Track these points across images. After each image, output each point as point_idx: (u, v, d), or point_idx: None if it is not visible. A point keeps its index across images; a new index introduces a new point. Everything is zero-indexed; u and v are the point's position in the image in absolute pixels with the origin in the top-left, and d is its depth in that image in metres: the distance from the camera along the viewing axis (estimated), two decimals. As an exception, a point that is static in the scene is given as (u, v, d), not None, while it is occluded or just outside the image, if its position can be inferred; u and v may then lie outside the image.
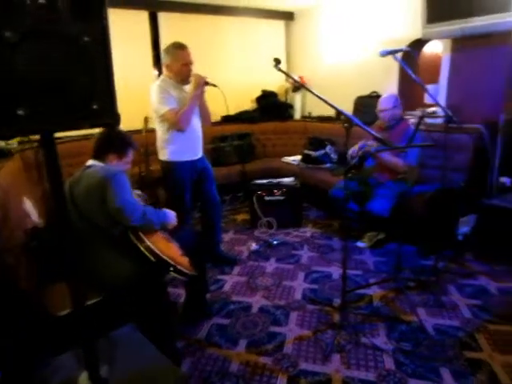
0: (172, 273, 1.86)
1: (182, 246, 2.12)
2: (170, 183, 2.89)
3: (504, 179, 3.22)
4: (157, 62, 4.60)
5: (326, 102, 2.04)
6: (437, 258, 2.76)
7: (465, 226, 3.17)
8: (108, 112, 1.00)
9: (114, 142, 2.07)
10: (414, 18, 3.64)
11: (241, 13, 5.08)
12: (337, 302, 2.55)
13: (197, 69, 2.76)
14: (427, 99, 3.79)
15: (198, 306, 2.46)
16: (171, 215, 2.12)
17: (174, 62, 2.64)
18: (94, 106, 0.97)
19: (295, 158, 4.65)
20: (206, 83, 2.70)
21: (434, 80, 3.80)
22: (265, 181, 3.95)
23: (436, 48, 4.03)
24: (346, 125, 2.01)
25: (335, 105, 2.03)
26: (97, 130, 2.09)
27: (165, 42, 4.60)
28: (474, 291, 2.59)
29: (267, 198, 3.85)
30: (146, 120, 3.76)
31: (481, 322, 2.27)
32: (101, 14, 0.94)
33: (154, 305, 1.99)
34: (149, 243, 1.83)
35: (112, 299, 1.85)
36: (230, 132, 4.83)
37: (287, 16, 5.52)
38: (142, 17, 4.48)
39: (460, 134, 3.23)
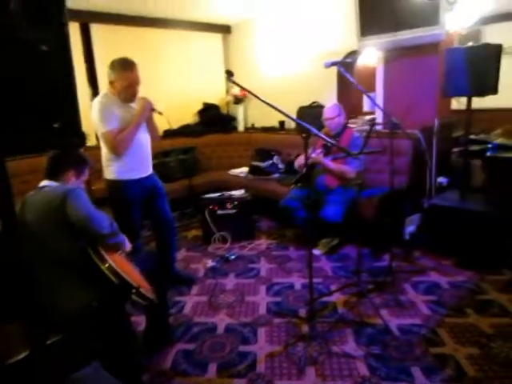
0: (134, 296, 1.71)
1: (140, 270, 1.97)
2: (117, 203, 2.70)
3: (441, 179, 3.46)
4: (90, 76, 4.34)
5: (284, 113, 2.04)
6: (390, 258, 2.87)
7: (411, 226, 3.34)
8: (72, 131, 0.88)
9: (72, 158, 1.92)
10: (350, 31, 3.82)
11: (177, 26, 4.99)
12: (303, 312, 2.53)
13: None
14: (365, 107, 3.98)
15: (161, 333, 2.30)
16: (125, 239, 1.98)
17: (118, 81, 2.46)
18: (56, 125, 0.85)
19: (242, 170, 4.63)
20: (153, 110, 2.58)
21: (369, 89, 4.00)
22: (216, 194, 3.87)
23: (369, 59, 4.26)
24: (303, 135, 2.01)
25: (294, 116, 2.03)
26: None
27: (99, 55, 4.37)
28: (427, 287, 2.72)
29: (219, 212, 3.76)
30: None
31: (439, 317, 2.37)
32: (60, 19, 0.83)
33: (116, 335, 1.82)
34: (111, 263, 1.67)
35: (74, 335, 1.66)
36: (173, 147, 4.67)
37: (224, 29, 5.52)
38: (72, 29, 4.21)
39: (399, 140, 3.42)
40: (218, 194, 3.86)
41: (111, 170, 2.62)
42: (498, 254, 2.90)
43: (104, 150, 2.61)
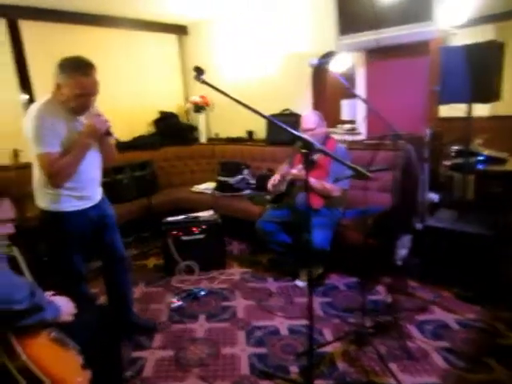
0: None
1: (81, 343, 1.43)
2: (52, 240, 2.11)
3: (432, 196, 3.13)
4: (22, 80, 3.66)
5: (282, 127, 1.57)
6: (387, 292, 2.49)
7: (401, 249, 2.98)
8: None
9: None
10: (325, 29, 3.44)
11: (125, 25, 4.41)
12: (294, 369, 2.06)
13: None
14: (344, 115, 3.60)
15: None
16: (65, 305, 1.42)
17: (67, 86, 1.85)
18: None
19: (208, 186, 4.11)
20: (108, 133, 2.03)
21: (342, 96, 3.63)
22: (180, 217, 3.32)
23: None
24: (303, 151, 1.55)
25: (291, 129, 1.57)
26: None
27: (32, 56, 3.71)
28: (435, 329, 2.31)
29: (184, 238, 3.22)
30: (16, 153, 2.99)
31: (459, 371, 1.96)
32: None
33: None
34: (27, 360, 1.12)
35: None
36: (126, 162, 4.06)
37: (180, 30, 4.99)
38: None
39: (385, 152, 3.07)
40: (183, 217, 3.32)
41: (46, 198, 2.01)
42: (506, 284, 2.57)
43: (36, 172, 2.01)
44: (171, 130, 4.69)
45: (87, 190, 2.09)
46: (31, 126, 1.84)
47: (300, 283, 2.95)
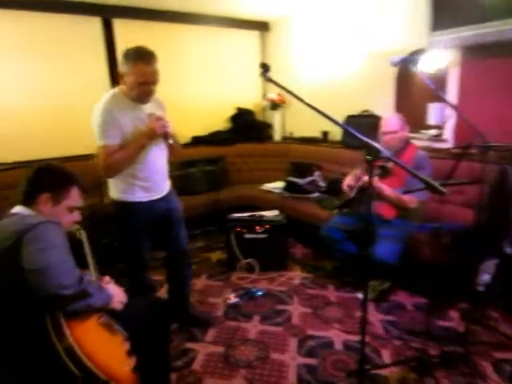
0: None
1: (130, 332, 1.46)
2: (121, 228, 2.21)
3: (527, 215, 2.73)
4: (112, 76, 3.93)
5: (349, 130, 1.46)
6: (460, 318, 2.21)
7: (484, 274, 2.65)
8: None
9: (46, 177, 1.44)
10: (413, 24, 3.18)
11: (208, 22, 4.50)
12: (345, 389, 1.93)
13: (160, 86, 2.07)
14: (430, 120, 3.29)
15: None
16: (116, 294, 1.46)
17: (130, 75, 1.93)
18: None
19: (277, 186, 4.06)
20: (166, 136, 2.04)
21: (429, 100, 3.31)
22: (245, 214, 3.31)
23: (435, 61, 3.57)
24: (368, 157, 1.42)
25: (359, 134, 1.45)
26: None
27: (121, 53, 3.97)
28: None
29: (247, 236, 3.21)
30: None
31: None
32: None
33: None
34: (72, 343, 1.16)
35: None
36: (199, 156, 4.19)
37: (262, 26, 4.99)
38: (95, 24, 3.83)
39: (473, 163, 2.74)
40: (248, 215, 3.31)
41: (115, 188, 2.12)
42: None
43: None
44: (246, 126, 4.72)
45: (154, 182, 2.15)
46: (95, 118, 1.94)
47: (362, 296, 2.76)
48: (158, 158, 2.14)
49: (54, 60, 3.67)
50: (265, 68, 1.53)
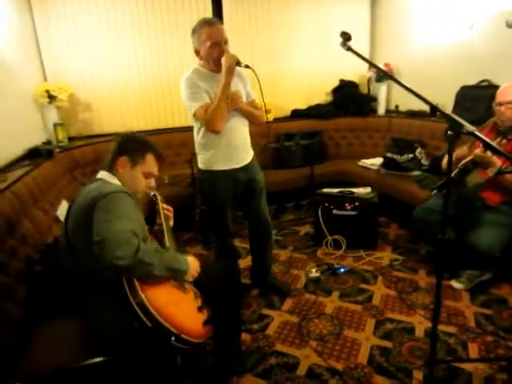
0: (174, 342, 1.33)
1: (209, 282, 1.62)
2: (204, 196, 2.39)
3: None
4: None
5: (419, 96, 1.33)
6: None
7: None
8: None
9: (126, 143, 1.62)
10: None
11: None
12: (419, 377, 1.81)
13: (259, 56, 2.12)
14: None
15: (226, 359, 1.89)
16: (192, 265, 1.56)
17: (201, 45, 2.08)
18: None
19: (375, 162, 3.85)
20: (238, 63, 2.09)
21: None
22: (335, 190, 3.23)
23: None
24: (449, 133, 1.26)
25: (436, 105, 1.31)
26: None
27: (228, 27, 4.09)
28: None
29: (335, 212, 3.14)
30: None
31: None
32: None
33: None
34: (144, 299, 1.30)
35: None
36: (297, 129, 4.17)
37: (373, -8, 4.63)
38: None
39: None
40: (337, 191, 3.22)
41: (200, 159, 2.30)
42: None
43: (194, 135, 2.29)
44: (348, 99, 4.50)
45: (235, 151, 2.24)
46: (183, 89, 2.11)
47: (456, 285, 2.51)
48: (237, 130, 2.22)
49: (164, 36, 3.90)
50: (345, 37, 1.46)
